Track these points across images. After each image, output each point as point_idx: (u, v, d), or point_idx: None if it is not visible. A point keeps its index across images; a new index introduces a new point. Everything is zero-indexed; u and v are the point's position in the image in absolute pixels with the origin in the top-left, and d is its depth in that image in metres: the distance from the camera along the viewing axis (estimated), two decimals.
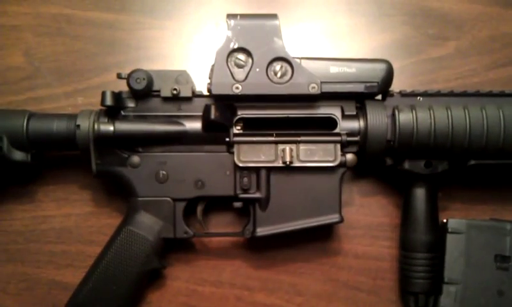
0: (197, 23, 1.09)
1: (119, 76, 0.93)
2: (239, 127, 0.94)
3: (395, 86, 0.99)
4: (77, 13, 1.09)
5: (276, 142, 0.93)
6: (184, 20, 1.09)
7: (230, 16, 0.91)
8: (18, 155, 0.93)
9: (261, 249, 1.02)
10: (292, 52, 0.93)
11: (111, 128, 0.91)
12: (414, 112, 0.91)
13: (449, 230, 0.96)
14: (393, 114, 0.92)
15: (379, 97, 0.97)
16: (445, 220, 0.97)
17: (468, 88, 0.99)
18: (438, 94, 0.95)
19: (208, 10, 1.09)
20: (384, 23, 1.10)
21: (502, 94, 0.96)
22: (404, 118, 0.91)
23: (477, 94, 0.95)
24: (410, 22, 1.10)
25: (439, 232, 0.96)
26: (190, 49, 1.08)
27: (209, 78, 0.91)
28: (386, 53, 1.07)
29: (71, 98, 1.06)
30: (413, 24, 1.10)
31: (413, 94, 0.96)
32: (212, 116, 0.90)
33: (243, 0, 1.10)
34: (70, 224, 1.03)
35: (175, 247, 1.00)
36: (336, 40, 1.09)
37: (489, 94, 0.95)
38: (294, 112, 0.94)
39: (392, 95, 0.96)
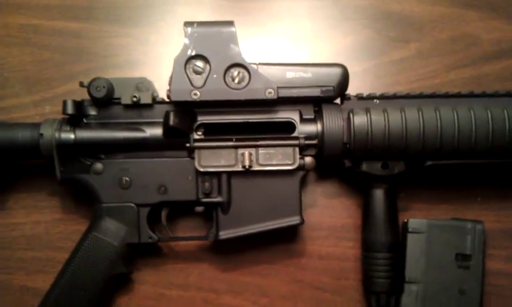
0: (162, 31, 1.11)
1: (81, 84, 0.95)
2: (200, 133, 0.95)
3: (359, 88, 1.01)
4: (44, 23, 1.10)
5: (236, 147, 0.95)
6: (150, 28, 1.11)
7: (187, 23, 0.93)
8: None
9: (227, 251, 1.04)
10: (256, 56, 0.95)
11: (72, 136, 0.93)
12: (369, 114, 0.93)
13: (410, 230, 0.98)
14: (349, 117, 0.94)
15: (338, 101, 0.98)
16: (405, 221, 0.98)
17: (430, 89, 1.00)
18: (394, 96, 0.97)
19: (173, 18, 1.10)
20: (347, 27, 1.11)
21: (457, 95, 0.97)
22: (359, 120, 0.93)
23: (433, 96, 0.97)
24: (372, 26, 1.11)
25: (399, 232, 0.98)
26: (155, 56, 1.10)
27: (169, 85, 0.93)
28: (349, 56, 1.09)
29: (39, 106, 1.07)
30: (374, 27, 1.11)
31: (369, 98, 0.97)
32: (171, 122, 0.91)
33: (207, 8, 1.12)
34: (40, 230, 1.05)
35: (142, 252, 1.02)
36: (300, 44, 1.11)
37: (445, 96, 0.97)
38: (254, 116, 0.96)
39: (348, 98, 0.97)
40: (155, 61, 1.10)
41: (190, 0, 1.13)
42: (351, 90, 0.98)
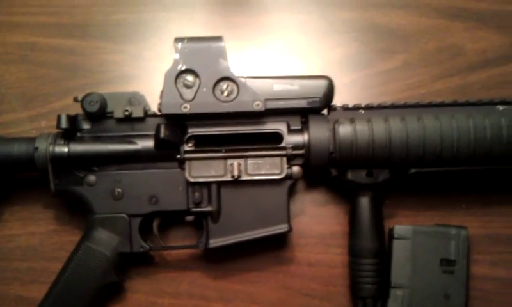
0: (155, 47, 1.14)
1: (75, 99, 0.99)
2: (190, 144, 0.98)
3: (347, 99, 1.03)
4: (41, 40, 1.14)
5: (225, 158, 0.97)
6: (143, 44, 1.15)
7: (178, 39, 0.96)
8: None
9: (218, 260, 1.06)
10: (247, 69, 0.99)
11: (66, 149, 0.96)
12: (353, 124, 0.96)
13: (395, 236, 0.99)
14: (334, 128, 0.96)
15: (325, 112, 1.01)
16: (391, 227, 1.00)
17: (417, 99, 1.03)
18: (379, 107, 1.00)
19: (166, 34, 1.13)
20: (335, 40, 1.15)
21: (441, 105, 1.00)
22: (344, 130, 0.96)
23: (417, 106, 0.99)
24: (360, 38, 1.14)
25: (385, 238, 1.00)
26: (149, 71, 1.13)
27: (160, 98, 0.96)
28: (337, 68, 1.13)
29: (35, 121, 1.11)
30: (362, 40, 1.14)
31: (354, 108, 1.00)
32: (162, 134, 0.94)
33: (199, 23, 1.16)
34: (35, 242, 1.07)
35: (135, 261, 1.04)
36: (290, 57, 1.14)
37: (429, 105, 1.00)
38: (243, 128, 0.98)
39: (334, 109, 1.00)
40: (148, 76, 1.13)
41: (182, 16, 1.17)
42: (341, 101, 1.01)
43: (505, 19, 1.15)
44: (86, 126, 0.99)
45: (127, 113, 0.98)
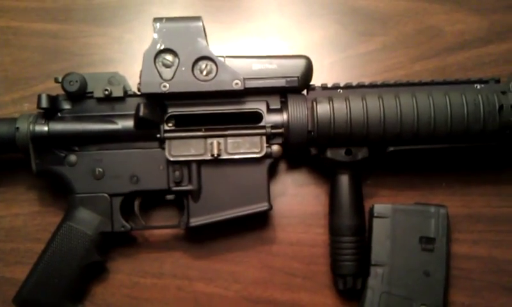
0: (136, 30, 1.15)
1: (56, 80, 0.99)
2: (170, 124, 0.99)
3: (327, 81, 1.04)
4: (24, 25, 1.15)
5: (205, 137, 0.98)
6: (124, 27, 1.15)
7: (156, 19, 0.97)
8: None
9: (200, 240, 1.07)
10: (227, 52, 0.98)
11: (46, 128, 0.96)
12: (331, 103, 0.97)
13: (375, 215, 1.00)
14: (312, 106, 0.97)
15: (305, 92, 1.02)
16: (371, 206, 1.01)
17: (395, 80, 1.03)
18: (357, 86, 1.01)
19: (147, 17, 1.14)
20: (315, 23, 1.16)
21: (418, 83, 1.01)
22: (322, 109, 0.97)
23: (395, 85, 1.01)
24: (339, 21, 1.15)
25: (364, 216, 1.01)
26: (130, 54, 1.14)
27: (139, 78, 0.96)
28: (317, 50, 1.13)
29: (18, 104, 1.12)
30: (341, 22, 1.15)
31: (333, 87, 1.01)
32: (141, 113, 0.95)
33: (180, 6, 1.16)
34: (19, 223, 1.08)
35: (117, 242, 1.05)
36: (270, 40, 1.15)
37: (406, 84, 1.01)
38: (223, 108, 0.99)
39: (313, 89, 1.01)
40: (129, 58, 1.13)
41: (163, 0, 1.17)
42: (320, 83, 1.02)
43: (482, 2, 1.16)
44: (66, 106, 1.00)
45: (106, 93, 0.99)
